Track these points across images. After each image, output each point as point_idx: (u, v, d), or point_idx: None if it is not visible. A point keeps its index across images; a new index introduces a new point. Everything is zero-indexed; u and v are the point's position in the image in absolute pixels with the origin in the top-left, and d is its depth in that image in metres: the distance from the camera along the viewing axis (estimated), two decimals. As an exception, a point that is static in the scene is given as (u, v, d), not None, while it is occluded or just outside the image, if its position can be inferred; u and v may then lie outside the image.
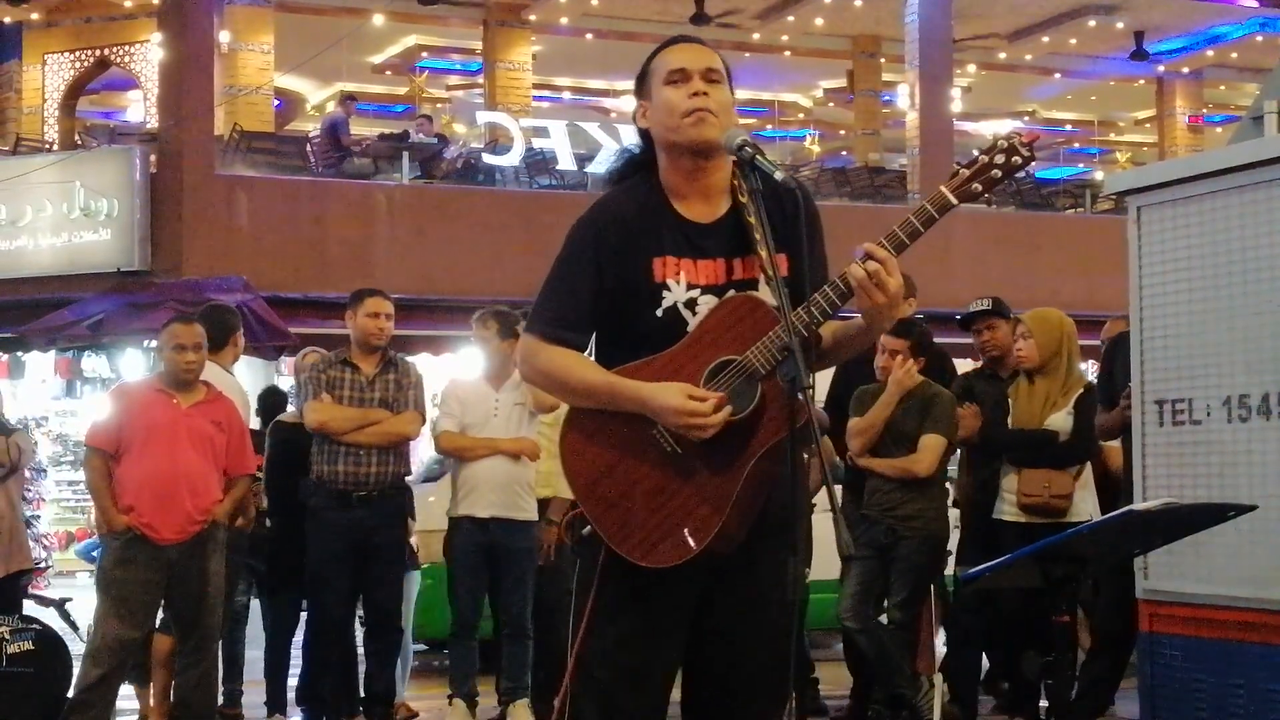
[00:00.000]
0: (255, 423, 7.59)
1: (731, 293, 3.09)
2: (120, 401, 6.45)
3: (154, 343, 13.97)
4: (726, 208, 3.14)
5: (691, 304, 3.08)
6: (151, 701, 6.89)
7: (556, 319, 3.12)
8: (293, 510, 6.95)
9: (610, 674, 3.07)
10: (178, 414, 6.29)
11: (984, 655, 6.99)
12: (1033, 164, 3.02)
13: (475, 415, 7.01)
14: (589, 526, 3.05)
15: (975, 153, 3.00)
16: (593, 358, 3.18)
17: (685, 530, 2.97)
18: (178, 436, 6.27)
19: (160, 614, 6.50)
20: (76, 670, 6.41)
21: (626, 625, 3.06)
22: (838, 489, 3.20)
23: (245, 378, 7.78)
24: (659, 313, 3.08)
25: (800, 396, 2.86)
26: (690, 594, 3.06)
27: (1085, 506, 6.37)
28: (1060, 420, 6.38)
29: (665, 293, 3.08)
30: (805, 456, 3.07)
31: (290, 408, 7.74)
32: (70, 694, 6.36)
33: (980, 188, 2.95)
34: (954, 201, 2.94)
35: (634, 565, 3.01)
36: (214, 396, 6.43)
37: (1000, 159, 2.94)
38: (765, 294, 3.05)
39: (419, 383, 6.94)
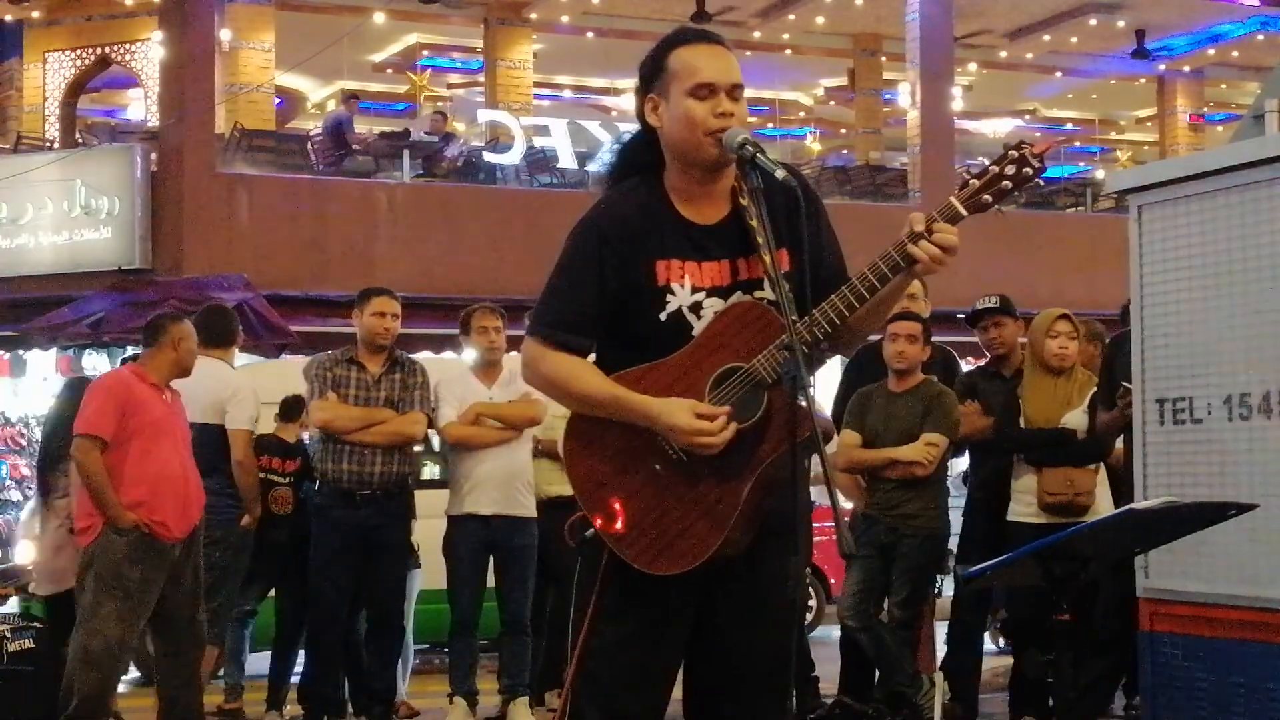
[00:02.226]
0: (272, 425, 7.55)
1: (738, 294, 3.06)
2: (121, 392, 6.18)
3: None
4: (729, 208, 3.11)
5: (696, 307, 3.06)
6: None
7: (560, 322, 3.08)
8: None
9: (611, 673, 3.07)
10: (169, 409, 6.23)
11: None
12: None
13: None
14: (592, 529, 3.05)
15: (985, 162, 2.98)
16: (593, 358, 3.16)
17: (690, 538, 2.96)
18: (175, 434, 6.20)
19: None
20: (66, 677, 6.08)
21: (628, 625, 3.06)
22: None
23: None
24: (662, 316, 3.05)
25: (801, 398, 2.85)
26: (692, 595, 3.06)
27: (1105, 504, 6.36)
28: (1077, 419, 6.39)
29: (669, 296, 3.05)
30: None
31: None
32: (71, 702, 6.02)
33: (990, 199, 2.93)
34: (964, 213, 2.93)
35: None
36: (175, 392, 6.35)
37: (1011, 170, 2.93)
38: (771, 293, 3.03)
39: (425, 383, 6.92)
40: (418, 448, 7.46)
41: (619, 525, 3.00)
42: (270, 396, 7.48)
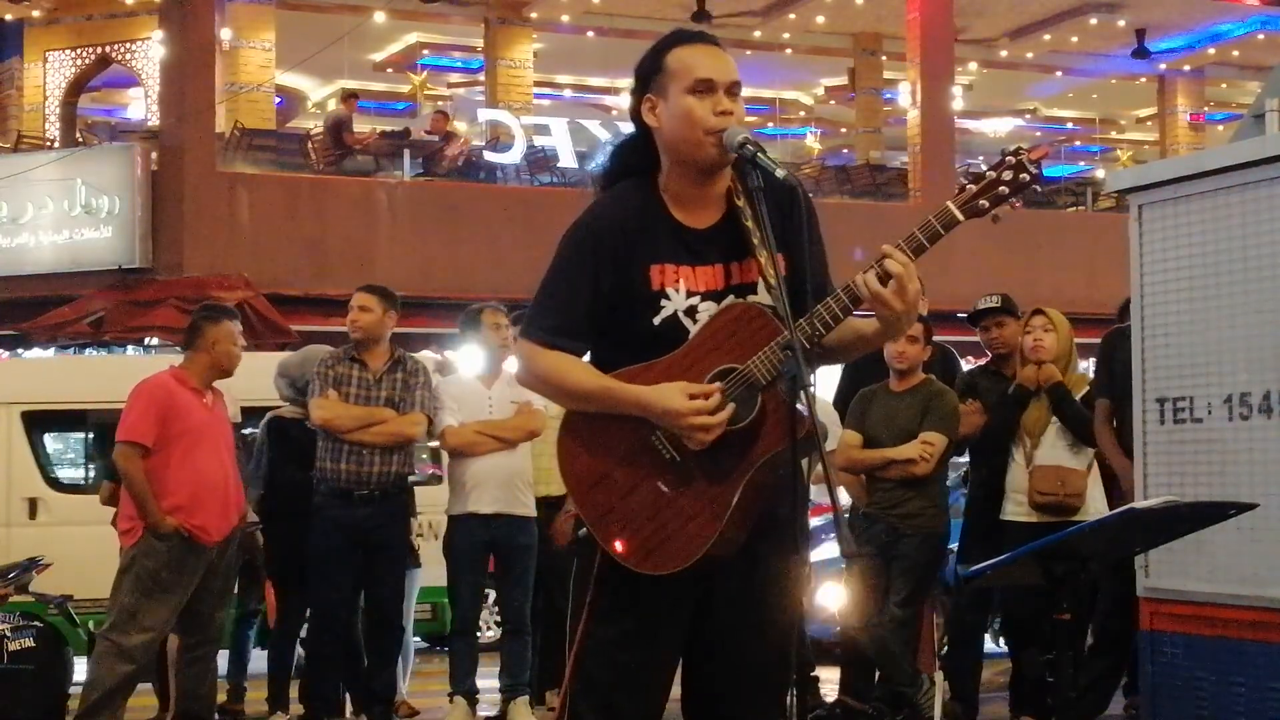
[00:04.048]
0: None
1: (731, 298, 3.06)
2: (163, 397, 6.22)
3: (155, 340, 14.01)
4: (722, 212, 3.11)
5: (692, 311, 3.05)
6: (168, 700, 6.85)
7: (554, 325, 3.08)
8: (295, 507, 6.95)
9: (608, 674, 3.06)
10: (209, 414, 6.28)
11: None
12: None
13: (470, 413, 6.99)
14: (586, 528, 3.05)
15: (983, 167, 2.98)
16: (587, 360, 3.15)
17: (682, 538, 2.95)
18: (216, 437, 6.27)
19: None
20: (95, 669, 6.19)
21: (623, 625, 3.05)
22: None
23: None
24: (657, 321, 3.05)
25: (801, 398, 2.84)
26: (688, 594, 3.05)
27: (1096, 505, 6.36)
28: None
29: (664, 301, 3.05)
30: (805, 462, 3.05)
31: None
32: (93, 695, 6.11)
33: (987, 204, 2.94)
34: (960, 218, 2.93)
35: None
36: (218, 395, 6.44)
37: (1008, 175, 2.93)
38: (765, 297, 3.04)
39: (427, 383, 6.88)
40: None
41: (610, 525, 3.00)
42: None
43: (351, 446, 6.70)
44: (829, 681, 7.29)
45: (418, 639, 9.00)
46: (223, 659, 7.16)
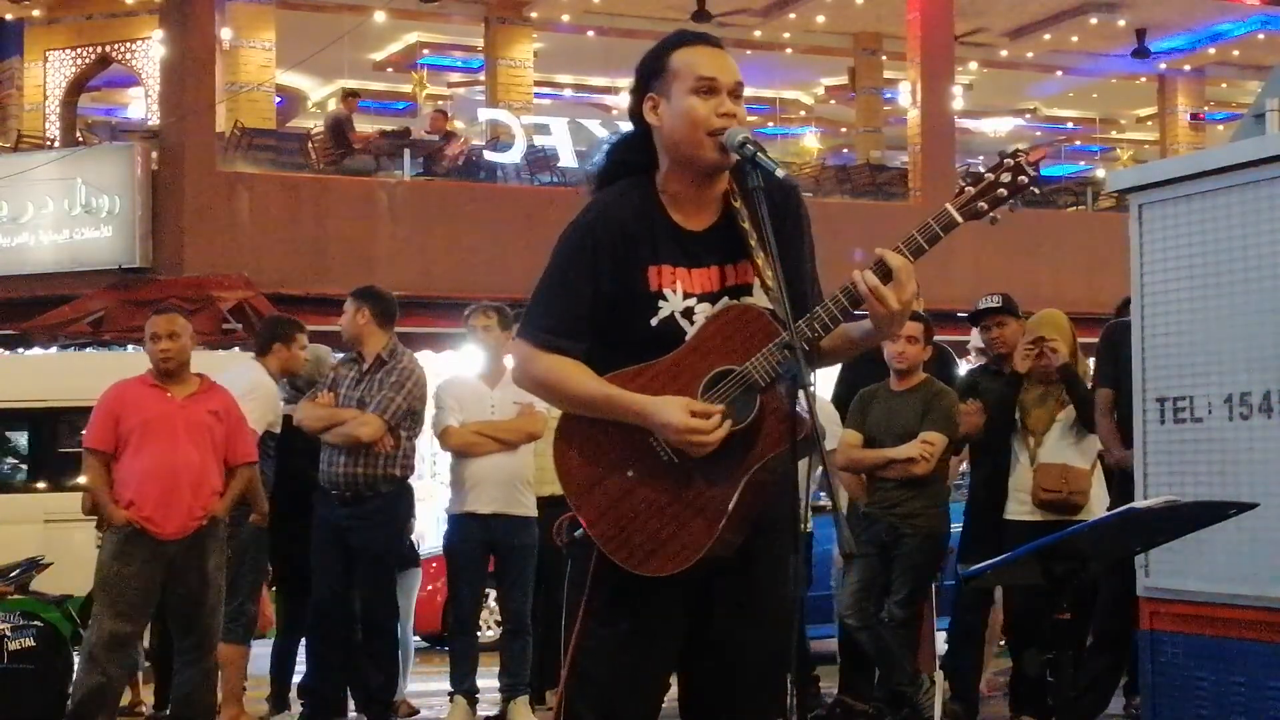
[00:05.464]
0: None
1: (726, 300, 3.06)
2: (113, 400, 6.29)
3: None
4: (719, 214, 3.11)
5: (689, 313, 3.05)
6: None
7: (552, 327, 3.07)
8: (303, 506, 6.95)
9: (605, 674, 3.06)
10: (173, 406, 6.23)
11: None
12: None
13: (472, 414, 7.00)
14: (582, 529, 3.04)
15: (981, 169, 2.98)
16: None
17: (681, 540, 2.95)
18: (175, 430, 6.19)
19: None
20: (76, 673, 6.23)
21: (620, 626, 3.04)
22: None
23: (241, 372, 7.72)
24: (654, 322, 3.04)
25: (801, 399, 2.84)
26: (685, 594, 3.04)
27: (1099, 505, 6.36)
28: (1071, 414, 6.40)
29: (661, 302, 3.05)
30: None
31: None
32: (73, 702, 6.15)
33: (986, 206, 2.94)
34: (959, 220, 2.93)
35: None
36: (208, 387, 6.37)
37: (1006, 177, 2.94)
38: (760, 299, 3.04)
39: (401, 384, 6.77)
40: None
41: (608, 527, 3.00)
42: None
43: (326, 447, 6.76)
44: (829, 681, 7.29)
45: (418, 638, 9.01)
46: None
